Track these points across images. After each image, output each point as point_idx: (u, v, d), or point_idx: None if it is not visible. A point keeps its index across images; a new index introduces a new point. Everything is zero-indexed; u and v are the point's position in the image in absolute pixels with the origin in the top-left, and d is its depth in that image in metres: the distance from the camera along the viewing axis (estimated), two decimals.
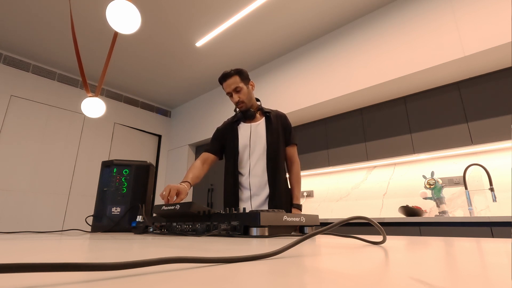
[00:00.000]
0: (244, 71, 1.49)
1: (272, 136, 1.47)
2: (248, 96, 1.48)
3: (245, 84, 1.48)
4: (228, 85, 1.46)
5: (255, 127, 1.52)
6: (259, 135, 1.49)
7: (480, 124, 2.21)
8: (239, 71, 1.47)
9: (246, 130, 1.53)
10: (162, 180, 4.74)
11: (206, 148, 1.60)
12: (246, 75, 1.50)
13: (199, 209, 0.83)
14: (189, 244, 0.49)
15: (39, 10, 2.78)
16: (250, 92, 1.51)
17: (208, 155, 1.55)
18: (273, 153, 1.44)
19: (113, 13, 1.26)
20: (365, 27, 2.77)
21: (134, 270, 0.21)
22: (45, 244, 0.49)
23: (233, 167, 1.48)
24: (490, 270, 0.21)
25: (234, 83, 1.45)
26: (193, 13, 2.80)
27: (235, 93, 1.46)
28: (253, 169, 1.45)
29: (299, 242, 0.34)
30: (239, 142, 1.51)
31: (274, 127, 1.49)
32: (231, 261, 0.25)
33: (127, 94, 4.53)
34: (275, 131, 1.48)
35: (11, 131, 3.35)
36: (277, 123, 1.51)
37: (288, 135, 1.52)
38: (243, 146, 1.50)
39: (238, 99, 1.46)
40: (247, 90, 1.48)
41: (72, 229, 1.06)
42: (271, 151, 1.44)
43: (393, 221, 2.18)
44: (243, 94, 1.46)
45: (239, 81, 1.46)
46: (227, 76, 1.46)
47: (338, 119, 3.09)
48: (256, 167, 1.45)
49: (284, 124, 1.53)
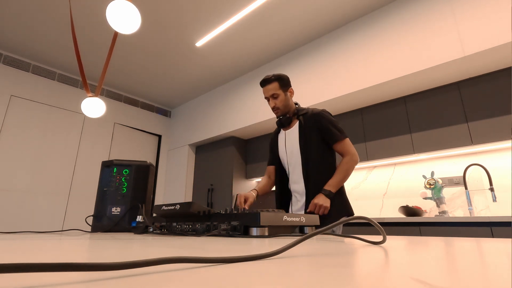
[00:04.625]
0: (285, 78, 1.49)
1: (305, 141, 1.43)
2: (284, 103, 1.48)
3: (283, 91, 1.47)
4: (266, 90, 1.48)
5: (289, 134, 1.53)
6: (292, 142, 1.49)
7: (480, 124, 2.21)
8: (280, 77, 1.47)
9: (282, 138, 1.57)
10: (162, 180, 4.74)
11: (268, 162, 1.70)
12: (287, 82, 1.49)
13: (199, 209, 0.83)
14: (189, 244, 0.49)
15: (39, 10, 2.78)
16: (288, 99, 1.50)
17: (269, 168, 1.66)
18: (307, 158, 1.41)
19: (113, 13, 1.26)
20: (365, 27, 2.77)
21: (134, 270, 0.21)
22: (45, 244, 0.49)
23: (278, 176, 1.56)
24: (490, 270, 0.21)
25: (273, 89, 1.46)
26: (193, 13, 2.80)
27: (272, 99, 1.47)
28: (292, 176, 1.49)
29: (299, 242, 0.34)
30: (279, 151, 1.58)
31: (307, 131, 1.44)
32: (231, 261, 0.25)
33: (127, 94, 4.53)
34: (308, 135, 1.43)
35: (11, 131, 3.35)
36: (311, 125, 1.45)
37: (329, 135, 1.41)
38: (282, 154, 1.55)
39: (274, 105, 1.48)
40: (285, 97, 1.48)
41: (72, 229, 1.06)
42: (305, 157, 1.42)
43: (393, 221, 2.18)
44: (279, 101, 1.47)
45: (278, 87, 1.46)
46: (267, 82, 1.48)
47: (338, 119, 3.09)
48: (295, 174, 1.47)
49: (319, 124, 1.43)
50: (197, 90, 4.39)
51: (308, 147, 1.42)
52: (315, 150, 1.41)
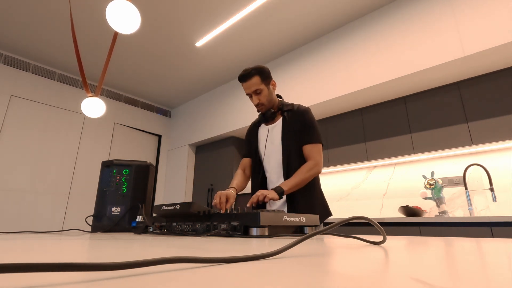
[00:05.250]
0: (266, 70, 1.37)
1: (287, 139, 1.35)
2: (268, 98, 1.38)
3: (266, 84, 1.36)
4: (248, 86, 1.35)
5: (272, 130, 1.43)
6: (274, 138, 1.40)
7: (480, 124, 2.21)
8: (260, 71, 1.35)
9: (264, 133, 1.47)
10: (162, 180, 4.74)
11: (242, 153, 1.59)
12: (268, 74, 1.37)
13: (199, 209, 0.83)
14: (189, 244, 0.49)
15: (39, 10, 2.78)
16: (271, 93, 1.39)
17: (244, 160, 1.54)
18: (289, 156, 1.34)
19: (113, 13, 1.26)
20: (365, 27, 2.77)
21: (134, 270, 0.21)
22: (45, 244, 0.49)
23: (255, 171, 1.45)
24: (490, 270, 0.21)
25: (255, 85, 1.34)
26: (193, 13, 2.80)
27: (255, 95, 1.36)
28: (271, 173, 1.40)
29: (299, 242, 0.34)
30: (259, 146, 1.47)
31: (290, 128, 1.36)
32: (231, 261, 0.25)
33: (127, 94, 4.53)
34: (291, 133, 1.35)
35: (11, 131, 3.35)
36: (294, 122, 1.37)
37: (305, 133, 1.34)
38: (262, 150, 1.45)
39: (258, 101, 1.36)
40: (268, 91, 1.37)
41: (72, 229, 1.06)
42: (286, 155, 1.34)
43: (393, 221, 2.18)
44: (263, 96, 1.36)
45: (260, 82, 1.34)
46: (247, 77, 1.34)
47: (338, 119, 3.09)
48: (273, 171, 1.39)
49: (302, 122, 1.36)
50: (197, 90, 4.39)
51: (290, 145, 1.34)
52: (297, 148, 1.34)
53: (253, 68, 1.35)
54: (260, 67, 1.35)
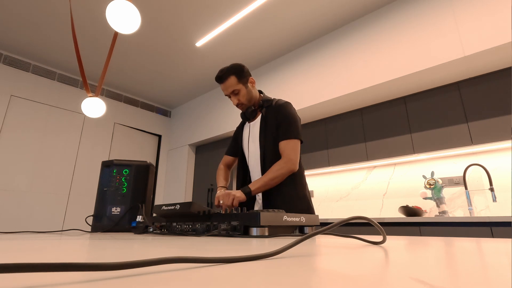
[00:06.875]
0: (241, 68, 1.32)
1: (265, 136, 1.31)
2: (247, 97, 1.34)
3: (243, 83, 1.32)
4: (225, 87, 1.32)
5: (252, 128, 1.40)
6: (254, 136, 1.37)
7: (480, 124, 2.21)
8: (236, 70, 1.30)
9: (246, 131, 1.44)
10: (162, 180, 4.74)
11: (226, 150, 1.58)
12: (244, 73, 1.32)
13: (199, 209, 0.83)
14: (189, 244, 0.49)
15: (39, 10, 2.78)
16: (250, 92, 1.35)
17: (226, 157, 1.55)
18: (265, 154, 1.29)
19: (113, 13, 1.26)
20: (365, 27, 2.77)
21: (134, 270, 0.21)
22: (45, 244, 0.49)
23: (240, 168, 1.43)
24: (490, 270, 0.21)
25: (231, 86, 1.30)
26: (193, 13, 2.80)
27: (233, 95, 1.33)
28: (253, 172, 1.38)
29: (299, 242, 0.34)
30: (243, 144, 1.45)
31: (268, 125, 1.31)
32: (231, 261, 0.25)
33: (127, 94, 4.53)
34: (269, 129, 1.30)
35: (11, 131, 3.35)
36: (272, 118, 1.32)
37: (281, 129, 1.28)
38: (245, 148, 1.43)
39: (237, 101, 1.34)
40: (246, 90, 1.33)
41: (72, 229, 1.06)
42: (263, 152, 1.30)
43: (393, 221, 2.18)
44: (242, 96, 1.32)
45: (236, 82, 1.30)
46: (222, 78, 1.30)
47: (338, 119, 3.09)
48: (254, 170, 1.37)
49: (279, 117, 1.30)
50: (197, 90, 4.39)
51: (267, 142, 1.29)
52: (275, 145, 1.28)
53: (228, 68, 1.31)
54: (235, 66, 1.31)
